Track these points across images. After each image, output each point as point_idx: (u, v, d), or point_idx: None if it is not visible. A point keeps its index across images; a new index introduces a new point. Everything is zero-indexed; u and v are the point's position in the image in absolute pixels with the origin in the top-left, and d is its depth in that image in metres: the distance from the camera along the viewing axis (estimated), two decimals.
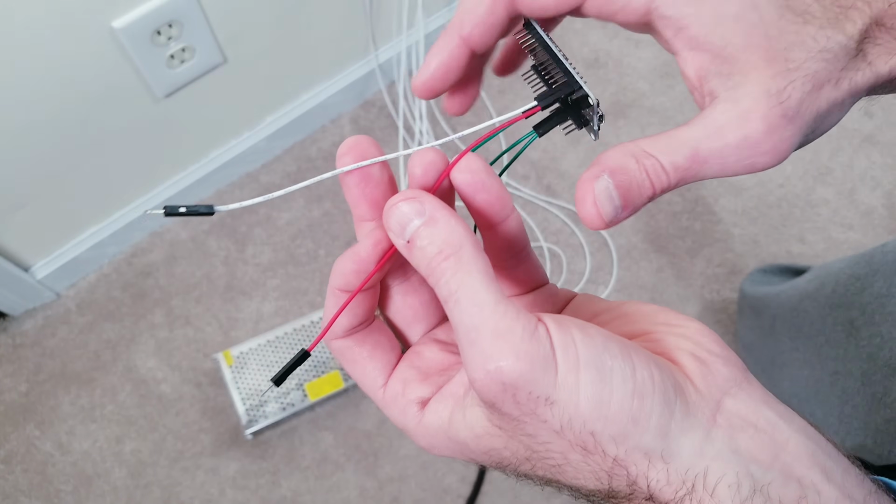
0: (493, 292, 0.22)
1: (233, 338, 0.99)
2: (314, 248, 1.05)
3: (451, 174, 0.25)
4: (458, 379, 0.26)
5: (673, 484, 0.21)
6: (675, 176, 0.24)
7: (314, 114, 1.09)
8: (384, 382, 0.27)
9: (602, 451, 0.21)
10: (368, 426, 0.96)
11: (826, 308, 0.64)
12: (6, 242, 0.90)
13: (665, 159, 0.24)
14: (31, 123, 0.78)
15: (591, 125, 0.27)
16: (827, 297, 0.64)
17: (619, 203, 0.24)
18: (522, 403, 0.21)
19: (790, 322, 0.70)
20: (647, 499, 0.22)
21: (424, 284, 0.28)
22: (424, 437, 0.26)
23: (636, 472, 0.21)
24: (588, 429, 0.21)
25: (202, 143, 1.00)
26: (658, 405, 0.21)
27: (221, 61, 0.88)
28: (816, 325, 0.65)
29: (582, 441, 0.21)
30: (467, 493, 0.93)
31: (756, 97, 0.23)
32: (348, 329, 0.27)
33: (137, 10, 0.75)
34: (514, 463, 0.24)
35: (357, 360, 0.27)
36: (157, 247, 1.04)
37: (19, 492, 0.91)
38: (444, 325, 0.29)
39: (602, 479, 0.22)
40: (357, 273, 0.25)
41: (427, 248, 0.23)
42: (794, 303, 0.70)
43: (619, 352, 0.21)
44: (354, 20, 1.01)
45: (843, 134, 1.15)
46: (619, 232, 1.08)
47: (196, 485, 0.92)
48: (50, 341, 0.99)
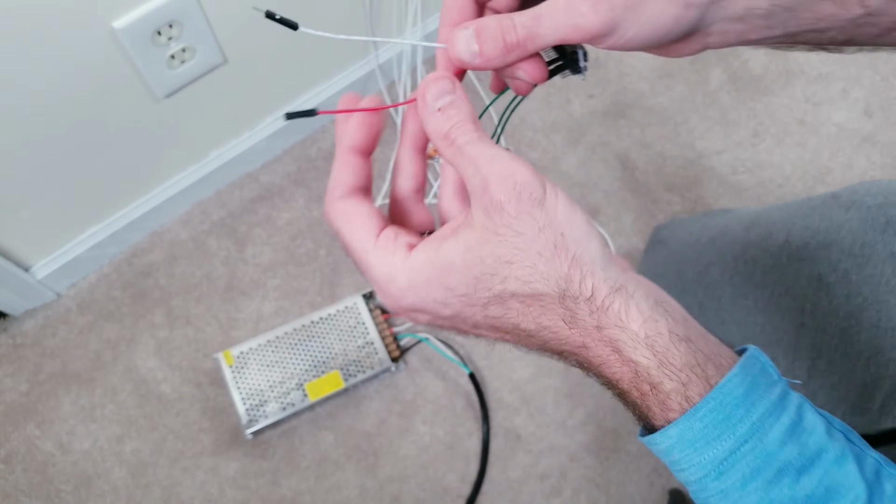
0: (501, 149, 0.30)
1: (233, 338, 1.00)
2: (314, 248, 1.05)
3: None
4: (445, 227, 0.32)
5: (606, 286, 0.29)
6: (521, 31, 0.30)
7: None
8: (377, 233, 0.32)
9: (566, 247, 0.29)
10: (368, 426, 0.96)
11: (783, 259, 0.63)
12: (7, 242, 0.90)
13: (517, 19, 0.31)
14: (31, 123, 0.78)
15: (580, 66, 0.35)
16: (780, 248, 0.64)
17: (476, 49, 0.31)
18: (524, 202, 0.29)
19: (734, 270, 0.69)
20: (587, 299, 0.29)
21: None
22: (407, 273, 0.31)
23: (584, 272, 0.29)
24: (560, 230, 0.29)
25: (202, 143, 1.01)
26: (599, 237, 0.30)
27: (222, 61, 0.88)
28: (771, 275, 0.64)
29: (554, 239, 0.29)
30: (467, 492, 0.93)
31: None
32: (351, 187, 0.33)
33: (138, 11, 0.75)
34: (495, 272, 0.29)
35: (354, 217, 0.32)
36: (157, 247, 1.05)
37: (20, 491, 0.91)
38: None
39: (560, 283, 0.29)
40: (369, 126, 0.33)
41: (454, 115, 0.31)
42: (738, 251, 0.69)
43: (572, 203, 0.30)
44: (354, 20, 1.01)
45: (843, 134, 1.15)
46: (619, 232, 1.08)
47: (196, 484, 0.92)
48: (50, 341, 0.99)
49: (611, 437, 0.97)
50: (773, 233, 0.67)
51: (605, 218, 1.08)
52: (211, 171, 1.03)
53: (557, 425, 0.97)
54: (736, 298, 0.69)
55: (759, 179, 1.12)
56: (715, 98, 1.18)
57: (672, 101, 1.18)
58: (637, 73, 1.19)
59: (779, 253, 0.64)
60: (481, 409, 0.96)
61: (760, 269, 0.66)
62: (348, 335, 0.96)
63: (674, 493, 0.93)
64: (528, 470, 0.95)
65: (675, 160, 1.13)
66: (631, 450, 0.96)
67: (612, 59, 1.20)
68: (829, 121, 1.16)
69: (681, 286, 0.76)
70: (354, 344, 0.96)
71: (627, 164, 1.13)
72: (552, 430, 0.97)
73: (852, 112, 1.17)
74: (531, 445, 0.96)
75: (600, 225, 1.08)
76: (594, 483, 0.94)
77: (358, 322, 0.97)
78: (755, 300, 0.66)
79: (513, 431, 0.96)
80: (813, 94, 1.18)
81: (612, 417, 0.97)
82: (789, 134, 1.15)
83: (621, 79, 1.18)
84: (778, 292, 0.64)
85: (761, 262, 0.66)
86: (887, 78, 1.19)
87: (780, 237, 0.65)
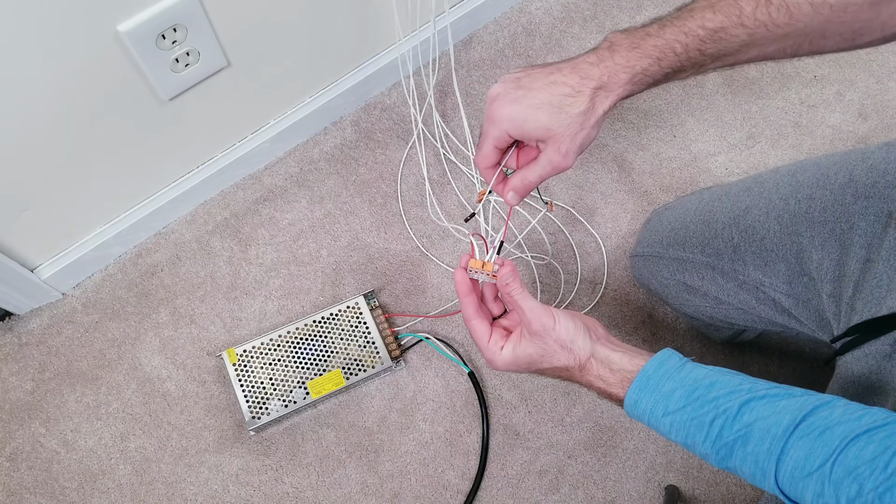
0: (536, 301, 0.60)
1: (236, 336, 1.01)
2: (316, 249, 1.06)
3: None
4: (514, 335, 0.61)
5: (585, 355, 0.58)
6: (539, 181, 0.58)
7: (316, 116, 1.10)
8: (488, 339, 0.61)
9: (569, 348, 0.58)
10: (370, 423, 0.97)
11: (847, 197, 0.64)
12: (12, 242, 0.91)
13: (529, 177, 0.59)
14: (36, 125, 0.79)
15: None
16: (843, 186, 0.65)
17: (518, 198, 0.60)
18: (546, 330, 0.58)
19: (783, 209, 0.70)
20: (579, 366, 0.58)
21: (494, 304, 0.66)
22: (502, 361, 0.60)
23: (577, 354, 0.58)
24: (563, 337, 0.58)
25: (206, 145, 1.02)
26: (582, 329, 0.59)
27: (225, 65, 0.90)
28: (832, 211, 0.65)
29: (564, 345, 0.58)
30: (467, 488, 0.94)
31: (556, 150, 0.56)
32: (474, 314, 0.62)
33: (142, 14, 0.76)
34: (539, 361, 0.59)
35: (477, 328, 0.61)
36: (161, 247, 1.06)
37: (25, 489, 0.92)
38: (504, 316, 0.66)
39: (571, 360, 0.58)
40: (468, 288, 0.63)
41: (510, 285, 0.60)
42: (786, 192, 0.71)
43: (570, 315, 0.60)
44: (356, 24, 1.03)
45: (838, 136, 1.17)
46: (615, 233, 1.09)
47: (200, 481, 0.93)
48: (55, 340, 1.00)
49: (608, 434, 0.98)
50: (829, 175, 0.67)
51: (602, 219, 1.10)
52: (215, 173, 1.04)
53: (555, 422, 0.98)
54: (785, 237, 0.69)
55: None
56: (710, 101, 1.19)
57: (668, 103, 1.19)
58: None
59: (841, 191, 0.65)
60: (481, 406, 0.97)
61: (819, 206, 0.67)
62: (350, 334, 0.97)
63: (670, 489, 0.94)
64: (527, 466, 0.96)
65: (671, 162, 1.14)
66: (628, 447, 0.97)
67: None
68: (824, 123, 1.18)
69: (709, 233, 0.77)
70: (356, 343, 0.97)
71: (624, 165, 1.14)
72: (550, 427, 0.98)
73: (847, 114, 1.18)
74: (530, 442, 0.97)
75: (597, 226, 1.09)
76: (591, 479, 0.96)
77: (359, 321, 0.98)
78: (812, 237, 0.66)
79: (511, 428, 0.98)
80: (808, 96, 1.20)
81: (609, 415, 0.98)
82: (784, 136, 1.17)
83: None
84: (841, 228, 0.64)
85: (819, 198, 0.67)
86: (882, 80, 1.21)
87: (840, 177, 0.66)
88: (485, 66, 1.20)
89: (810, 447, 0.45)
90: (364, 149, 1.13)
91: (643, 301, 1.05)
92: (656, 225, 0.88)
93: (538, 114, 0.55)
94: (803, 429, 0.46)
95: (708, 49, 0.53)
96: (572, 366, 0.58)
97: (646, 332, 1.04)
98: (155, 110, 0.88)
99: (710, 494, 0.96)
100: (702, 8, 0.53)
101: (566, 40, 1.23)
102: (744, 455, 0.49)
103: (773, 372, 1.02)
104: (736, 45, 0.53)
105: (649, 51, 0.53)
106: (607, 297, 1.06)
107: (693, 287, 0.81)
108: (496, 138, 0.58)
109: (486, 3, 1.18)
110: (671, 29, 0.53)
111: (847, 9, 0.50)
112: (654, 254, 0.86)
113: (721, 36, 0.52)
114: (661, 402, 0.53)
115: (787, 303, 0.70)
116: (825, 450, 0.45)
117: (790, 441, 0.46)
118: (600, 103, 0.55)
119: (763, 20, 0.51)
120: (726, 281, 0.76)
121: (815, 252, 0.66)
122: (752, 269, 0.72)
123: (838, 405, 0.47)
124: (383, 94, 1.17)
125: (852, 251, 0.63)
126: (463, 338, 1.02)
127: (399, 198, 1.10)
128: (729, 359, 1.02)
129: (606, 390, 0.57)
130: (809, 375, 1.01)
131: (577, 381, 0.60)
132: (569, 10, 1.25)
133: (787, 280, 0.69)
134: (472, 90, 1.18)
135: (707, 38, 0.52)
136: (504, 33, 1.23)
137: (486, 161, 0.60)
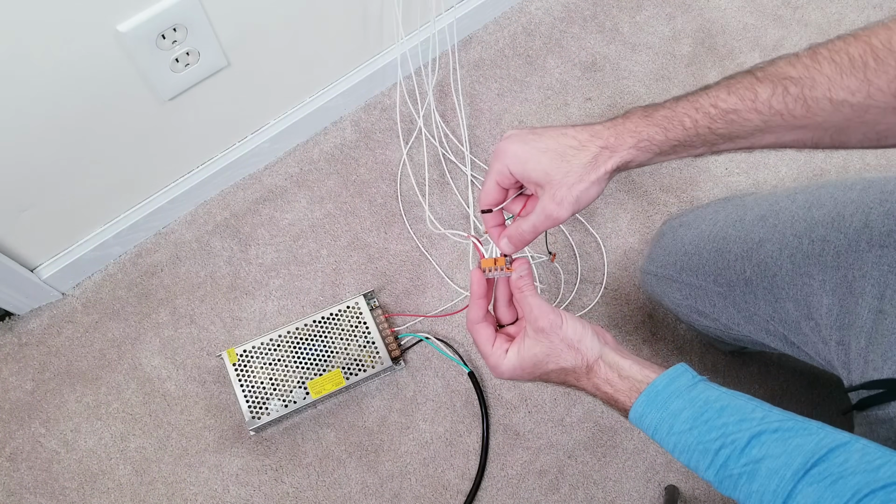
0: (545, 300, 0.60)
1: (236, 336, 1.01)
2: (316, 249, 1.06)
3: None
4: (518, 338, 0.60)
5: (593, 357, 0.57)
6: (533, 231, 0.58)
7: (316, 116, 1.10)
8: (492, 344, 0.61)
9: (577, 347, 0.57)
10: (370, 423, 0.97)
11: (862, 244, 0.63)
12: (12, 242, 0.91)
13: (524, 227, 0.58)
14: (36, 125, 0.79)
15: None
16: (858, 231, 0.64)
17: (512, 247, 0.61)
18: (553, 329, 0.57)
19: (796, 247, 0.69)
20: (586, 369, 0.57)
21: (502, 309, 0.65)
22: (506, 365, 0.59)
23: (585, 356, 0.57)
24: (571, 337, 0.57)
25: (206, 145, 1.02)
26: (590, 332, 0.58)
27: (225, 65, 0.90)
28: (846, 258, 0.64)
29: (572, 344, 0.57)
30: (467, 488, 0.94)
31: (551, 197, 0.56)
32: (480, 318, 0.61)
33: (142, 14, 0.76)
34: (545, 361, 0.58)
35: (481, 335, 0.61)
36: (161, 247, 1.06)
37: (25, 489, 0.92)
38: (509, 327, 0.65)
39: (578, 360, 0.57)
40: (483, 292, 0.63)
41: (524, 278, 0.60)
42: (801, 229, 0.69)
43: (579, 318, 0.59)
44: (355, 24, 1.03)
45: None
46: (615, 233, 1.09)
47: (200, 481, 0.94)
48: (55, 340, 1.00)
49: (608, 434, 0.98)
50: (845, 215, 0.66)
51: (602, 219, 1.10)
52: (214, 173, 1.04)
53: (555, 422, 0.98)
54: (796, 277, 0.68)
55: (754, 181, 1.13)
56: None
57: None
58: (633, 76, 1.20)
59: (856, 237, 0.64)
60: (481, 406, 0.97)
61: (832, 251, 0.65)
62: (350, 334, 0.97)
63: (670, 489, 0.94)
64: (527, 466, 0.96)
65: (671, 162, 1.14)
66: (628, 447, 0.97)
67: (609, 62, 1.21)
68: None
69: (722, 263, 0.76)
70: (356, 343, 0.97)
71: None
72: (550, 427, 0.98)
73: None
74: (530, 442, 0.97)
75: (597, 226, 1.09)
76: (591, 479, 0.96)
77: (359, 321, 0.98)
78: (823, 281, 0.65)
79: (511, 428, 0.98)
80: None
81: (608, 415, 0.98)
82: None
83: (618, 81, 1.20)
84: (853, 276, 0.63)
85: (834, 242, 0.66)
86: None
87: (856, 221, 0.65)
88: (484, 66, 1.20)
89: (820, 496, 0.43)
90: (364, 149, 1.13)
91: (643, 301, 1.05)
92: (670, 244, 0.87)
93: (541, 157, 0.56)
94: (815, 474, 0.44)
95: (718, 128, 0.53)
96: (579, 366, 0.57)
97: (646, 332, 1.04)
98: (155, 110, 0.88)
99: (710, 494, 0.96)
100: (718, 88, 0.53)
101: (566, 40, 1.23)
102: (748, 492, 0.47)
103: (773, 373, 1.02)
104: (749, 129, 0.52)
105: (658, 121, 0.54)
106: (607, 297, 1.06)
107: (704, 312, 0.81)
108: (498, 172, 0.58)
109: (486, 3, 1.19)
110: (684, 103, 0.54)
111: (869, 110, 0.48)
112: (667, 276, 0.85)
113: (733, 118, 0.52)
114: (666, 420, 0.52)
115: (796, 340, 0.69)
116: (836, 502, 0.43)
117: (799, 486, 0.44)
118: (603, 162, 0.55)
119: (778, 108, 0.50)
120: (737, 312, 0.75)
121: (825, 297, 0.65)
122: (763, 304, 0.72)
123: (855, 449, 0.45)
124: (383, 94, 1.17)
125: (863, 300, 0.62)
126: (463, 338, 1.02)
127: (399, 198, 1.10)
128: (731, 363, 1.02)
129: (613, 396, 0.56)
130: (811, 375, 1.01)
131: (583, 385, 0.58)
132: (569, 10, 1.25)
133: (796, 320, 0.68)
134: (472, 90, 1.18)
135: (718, 117, 0.52)
136: (504, 33, 1.23)
137: (486, 198, 0.60)
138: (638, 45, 1.23)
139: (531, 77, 1.20)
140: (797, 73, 0.49)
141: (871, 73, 0.47)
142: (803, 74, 0.49)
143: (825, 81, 0.48)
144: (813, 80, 0.49)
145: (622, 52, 1.22)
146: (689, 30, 1.25)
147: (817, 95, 0.49)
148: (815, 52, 0.49)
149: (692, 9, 1.26)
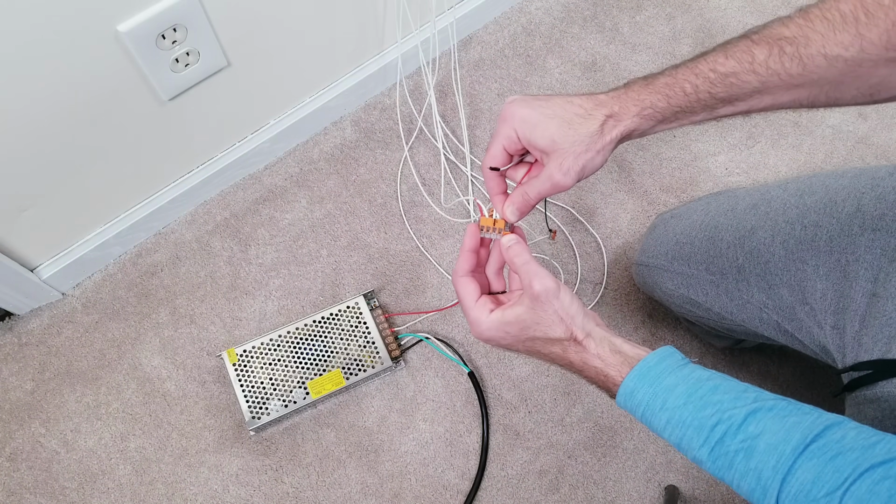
0: (541, 267, 0.57)
1: (236, 336, 1.01)
2: (316, 249, 1.06)
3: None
4: (508, 302, 0.59)
5: (583, 334, 0.55)
6: (538, 199, 0.59)
7: (316, 116, 1.10)
8: (476, 299, 0.59)
9: (568, 323, 0.56)
10: (370, 423, 0.97)
11: (855, 228, 0.64)
12: (12, 242, 0.91)
13: (530, 193, 0.59)
14: (36, 125, 0.79)
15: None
16: (850, 216, 0.65)
17: (518, 214, 0.60)
18: (548, 295, 0.55)
19: (789, 233, 0.69)
20: (575, 341, 0.56)
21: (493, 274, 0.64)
22: (488, 323, 0.58)
23: (574, 329, 0.55)
24: (563, 309, 0.56)
25: (206, 144, 1.02)
26: (581, 307, 0.57)
27: (225, 65, 0.90)
28: (839, 242, 0.65)
29: (562, 316, 0.55)
30: (467, 488, 0.94)
31: (558, 166, 0.56)
32: (467, 270, 0.61)
33: (142, 14, 0.76)
34: (531, 327, 0.56)
35: (466, 288, 0.60)
36: (161, 247, 1.06)
37: (24, 489, 0.92)
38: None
39: (567, 333, 0.55)
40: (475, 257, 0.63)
41: (512, 248, 0.59)
42: (793, 216, 0.70)
43: (576, 296, 0.57)
44: (356, 24, 1.03)
45: (838, 136, 1.17)
46: (615, 233, 1.09)
47: (200, 481, 0.94)
48: (55, 340, 1.00)
49: (608, 434, 0.98)
50: (837, 201, 0.67)
51: (602, 219, 1.10)
52: (215, 173, 1.04)
53: (555, 422, 0.98)
54: (790, 263, 0.68)
55: (754, 181, 1.13)
56: None
57: None
58: (633, 75, 1.20)
59: (849, 221, 0.65)
60: (480, 406, 0.97)
61: (825, 235, 0.66)
62: (350, 334, 0.97)
63: (670, 489, 0.94)
64: (527, 466, 0.96)
65: (671, 162, 1.14)
66: (628, 447, 0.97)
67: (609, 62, 1.21)
68: (824, 123, 1.18)
69: (714, 251, 0.76)
70: (356, 343, 0.97)
71: (624, 165, 1.14)
72: (550, 427, 0.98)
73: (846, 114, 1.18)
74: (529, 442, 0.97)
75: (597, 226, 1.09)
76: (591, 479, 0.96)
77: (359, 321, 0.98)
78: (816, 266, 0.66)
79: (511, 428, 0.98)
80: None
81: (608, 415, 0.98)
82: (784, 136, 1.17)
83: (618, 82, 1.19)
84: (847, 260, 0.64)
85: (826, 227, 0.66)
86: None
87: (848, 206, 0.66)
88: (484, 66, 1.20)
89: (820, 471, 0.43)
90: (364, 149, 1.13)
91: (643, 301, 1.05)
92: (661, 235, 0.88)
93: (548, 123, 0.56)
94: (814, 449, 0.44)
95: (718, 92, 0.54)
96: (567, 339, 0.56)
97: (646, 333, 1.04)
98: (155, 110, 0.89)
99: (710, 494, 0.96)
100: (715, 53, 0.54)
101: (566, 40, 1.23)
102: (745, 469, 0.47)
103: (772, 372, 1.02)
104: (747, 90, 0.53)
105: (660, 88, 0.55)
106: (607, 297, 1.06)
107: (696, 301, 0.81)
108: (506, 136, 0.58)
109: (486, 3, 1.19)
110: (683, 70, 0.55)
111: (862, 64, 0.50)
112: (659, 265, 0.86)
113: (732, 81, 0.53)
114: (660, 394, 0.51)
115: (789, 327, 0.69)
116: (836, 476, 0.43)
117: (799, 461, 0.44)
118: (609, 130, 0.56)
119: (775, 69, 0.52)
120: (730, 300, 0.75)
121: (819, 282, 0.65)
122: (756, 291, 0.72)
123: (850, 427, 0.45)
124: (383, 94, 1.17)
125: (857, 284, 0.62)
126: (463, 338, 1.02)
127: (399, 198, 1.10)
128: (728, 358, 1.02)
129: (603, 370, 0.55)
130: (810, 375, 1.01)
131: (570, 360, 0.56)
132: (569, 10, 1.25)
133: (790, 306, 0.69)
134: (472, 90, 1.18)
135: (717, 81, 0.53)
136: (504, 33, 1.23)
137: (492, 160, 0.60)
138: (638, 45, 1.23)
139: (531, 77, 1.20)
140: (791, 33, 0.51)
141: (863, 27, 0.48)
142: (797, 34, 0.50)
143: (819, 38, 0.50)
144: (807, 37, 0.50)
145: (622, 52, 1.22)
146: (689, 30, 1.25)
147: (812, 52, 0.50)
148: (806, 12, 0.51)
149: (692, 9, 1.26)
